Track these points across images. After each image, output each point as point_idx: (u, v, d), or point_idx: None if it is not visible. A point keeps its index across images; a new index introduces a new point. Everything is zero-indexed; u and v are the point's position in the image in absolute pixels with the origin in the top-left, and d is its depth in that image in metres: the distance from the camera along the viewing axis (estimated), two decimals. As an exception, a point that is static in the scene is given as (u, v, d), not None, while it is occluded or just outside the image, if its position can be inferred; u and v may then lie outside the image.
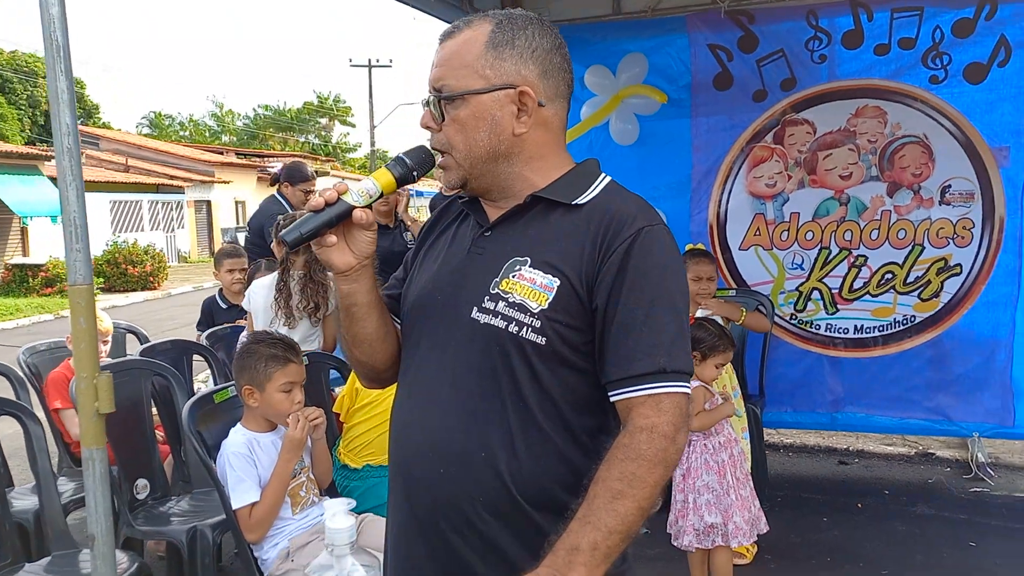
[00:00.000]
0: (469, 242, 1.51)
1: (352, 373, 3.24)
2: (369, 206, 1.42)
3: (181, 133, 52.15)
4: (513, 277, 1.42)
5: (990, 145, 4.60)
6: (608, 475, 1.31)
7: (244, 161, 35.33)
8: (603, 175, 1.51)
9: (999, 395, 4.73)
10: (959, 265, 4.75)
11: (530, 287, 1.40)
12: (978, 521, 4.27)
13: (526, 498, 1.40)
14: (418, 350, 1.52)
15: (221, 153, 36.09)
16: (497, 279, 1.43)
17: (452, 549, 1.44)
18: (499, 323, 1.40)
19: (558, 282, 1.39)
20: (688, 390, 1.38)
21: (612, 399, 1.39)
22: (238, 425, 2.79)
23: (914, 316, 4.86)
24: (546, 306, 1.38)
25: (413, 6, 4.68)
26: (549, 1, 5.18)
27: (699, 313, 4.05)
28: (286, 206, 5.41)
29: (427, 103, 1.47)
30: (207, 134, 52.14)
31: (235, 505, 2.63)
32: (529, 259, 1.42)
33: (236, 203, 32.64)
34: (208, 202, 31.45)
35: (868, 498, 4.66)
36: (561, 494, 1.39)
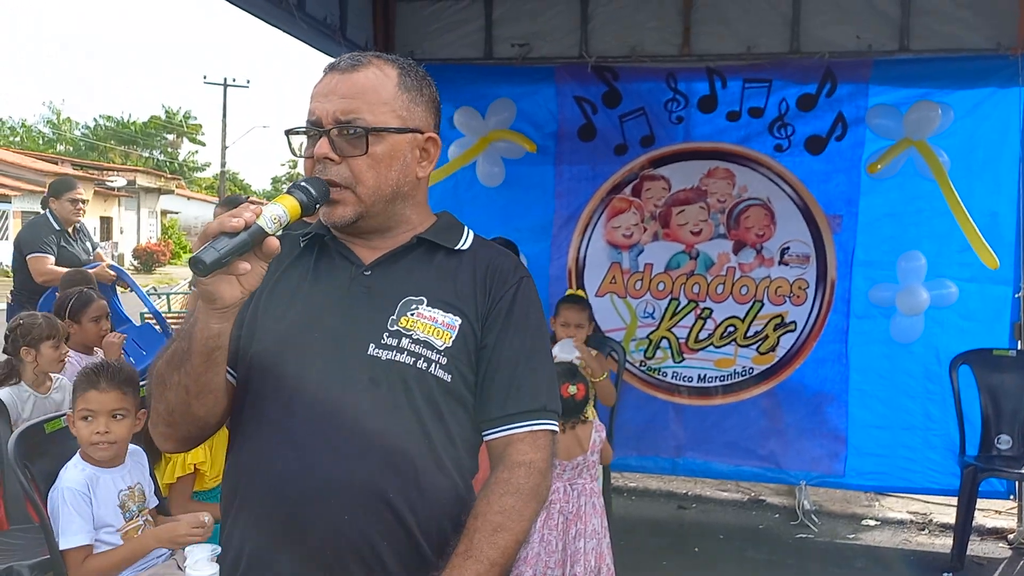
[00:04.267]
0: (347, 280, 1.46)
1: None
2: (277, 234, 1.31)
3: (11, 139, 48.58)
4: (412, 315, 1.42)
5: (825, 212, 4.96)
6: (488, 509, 1.36)
7: (81, 173, 33.25)
8: (466, 227, 1.58)
9: (825, 445, 5.04)
10: (794, 322, 5.07)
11: (432, 325, 1.41)
12: (803, 566, 4.51)
13: (426, 538, 1.39)
14: (297, 392, 1.41)
15: (56, 163, 33.86)
16: (394, 316, 1.42)
17: None
18: (406, 359, 1.39)
19: (459, 320, 1.43)
20: (557, 429, 1.48)
21: (490, 435, 1.44)
22: (76, 457, 2.58)
23: (752, 368, 5.13)
24: (450, 344, 1.42)
25: (285, 31, 4.60)
26: (422, 40, 5.23)
27: (557, 349, 4.02)
28: (54, 222, 5.35)
29: (324, 133, 1.41)
30: (40, 142, 48.85)
31: (64, 545, 2.42)
32: (425, 298, 1.43)
33: (69, 217, 30.64)
34: (37, 214, 29.39)
35: (704, 542, 4.83)
36: (453, 536, 1.39)
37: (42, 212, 5.48)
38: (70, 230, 5.44)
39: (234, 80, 38.70)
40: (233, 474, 1.48)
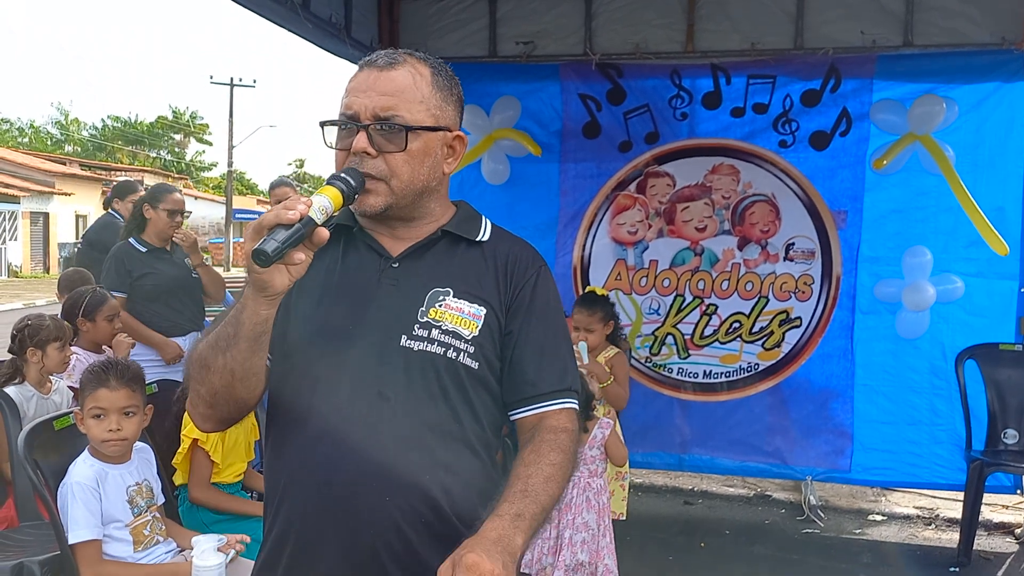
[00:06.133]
0: (376, 272, 1.53)
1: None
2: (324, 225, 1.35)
3: (20, 139, 48.76)
4: (439, 306, 1.49)
5: (830, 208, 4.96)
6: (539, 460, 1.45)
7: (89, 173, 33.38)
8: (483, 216, 1.66)
9: (831, 441, 5.05)
10: (799, 318, 5.07)
11: (459, 315, 1.49)
12: (809, 561, 4.52)
13: (459, 517, 1.46)
14: (332, 382, 1.48)
15: (64, 163, 33.99)
16: (423, 308, 1.49)
17: None
18: (436, 349, 1.47)
19: (484, 311, 1.51)
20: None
21: (524, 413, 1.52)
22: (85, 453, 2.61)
23: (757, 364, 5.14)
24: (477, 333, 1.49)
25: (291, 30, 4.62)
26: (427, 38, 5.24)
27: None
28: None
29: (363, 127, 1.46)
30: (49, 142, 49.00)
31: (72, 540, 2.45)
32: (451, 290, 1.51)
33: (77, 217, 30.77)
34: (46, 214, 29.53)
35: (711, 538, 4.85)
36: (484, 513, 1.44)
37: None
38: None
39: (240, 80, 38.75)
40: (276, 467, 1.54)
